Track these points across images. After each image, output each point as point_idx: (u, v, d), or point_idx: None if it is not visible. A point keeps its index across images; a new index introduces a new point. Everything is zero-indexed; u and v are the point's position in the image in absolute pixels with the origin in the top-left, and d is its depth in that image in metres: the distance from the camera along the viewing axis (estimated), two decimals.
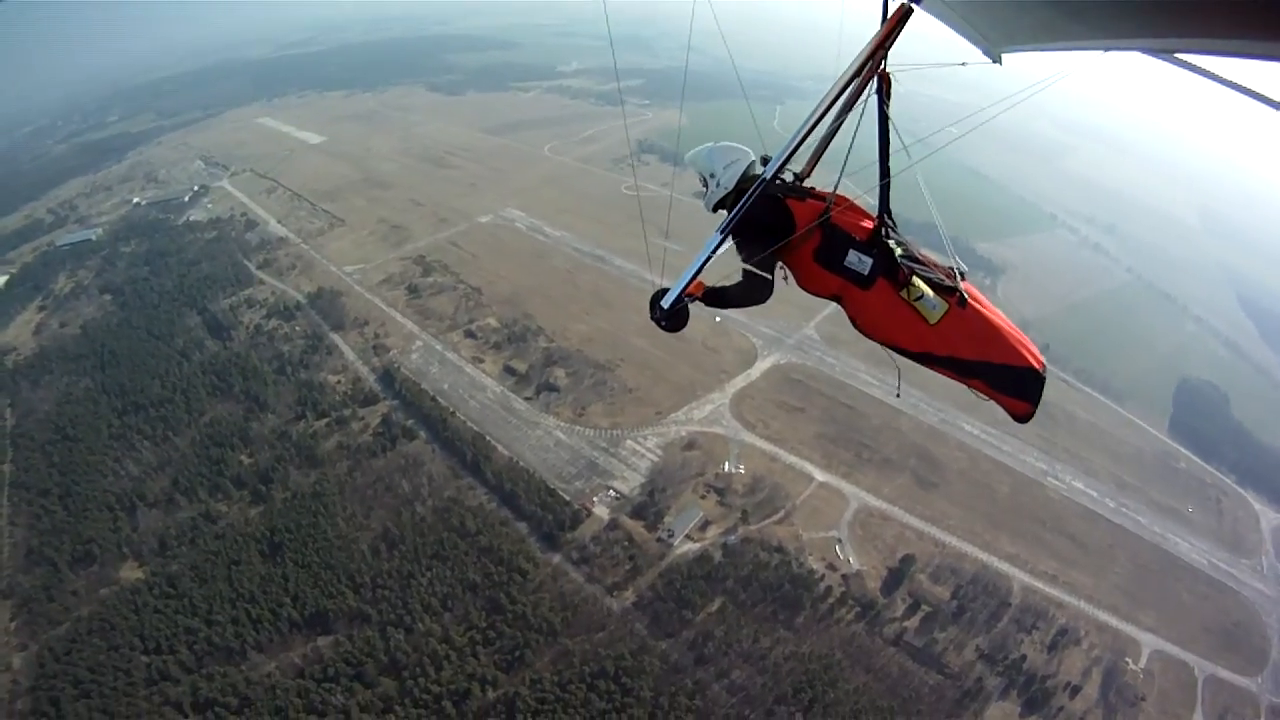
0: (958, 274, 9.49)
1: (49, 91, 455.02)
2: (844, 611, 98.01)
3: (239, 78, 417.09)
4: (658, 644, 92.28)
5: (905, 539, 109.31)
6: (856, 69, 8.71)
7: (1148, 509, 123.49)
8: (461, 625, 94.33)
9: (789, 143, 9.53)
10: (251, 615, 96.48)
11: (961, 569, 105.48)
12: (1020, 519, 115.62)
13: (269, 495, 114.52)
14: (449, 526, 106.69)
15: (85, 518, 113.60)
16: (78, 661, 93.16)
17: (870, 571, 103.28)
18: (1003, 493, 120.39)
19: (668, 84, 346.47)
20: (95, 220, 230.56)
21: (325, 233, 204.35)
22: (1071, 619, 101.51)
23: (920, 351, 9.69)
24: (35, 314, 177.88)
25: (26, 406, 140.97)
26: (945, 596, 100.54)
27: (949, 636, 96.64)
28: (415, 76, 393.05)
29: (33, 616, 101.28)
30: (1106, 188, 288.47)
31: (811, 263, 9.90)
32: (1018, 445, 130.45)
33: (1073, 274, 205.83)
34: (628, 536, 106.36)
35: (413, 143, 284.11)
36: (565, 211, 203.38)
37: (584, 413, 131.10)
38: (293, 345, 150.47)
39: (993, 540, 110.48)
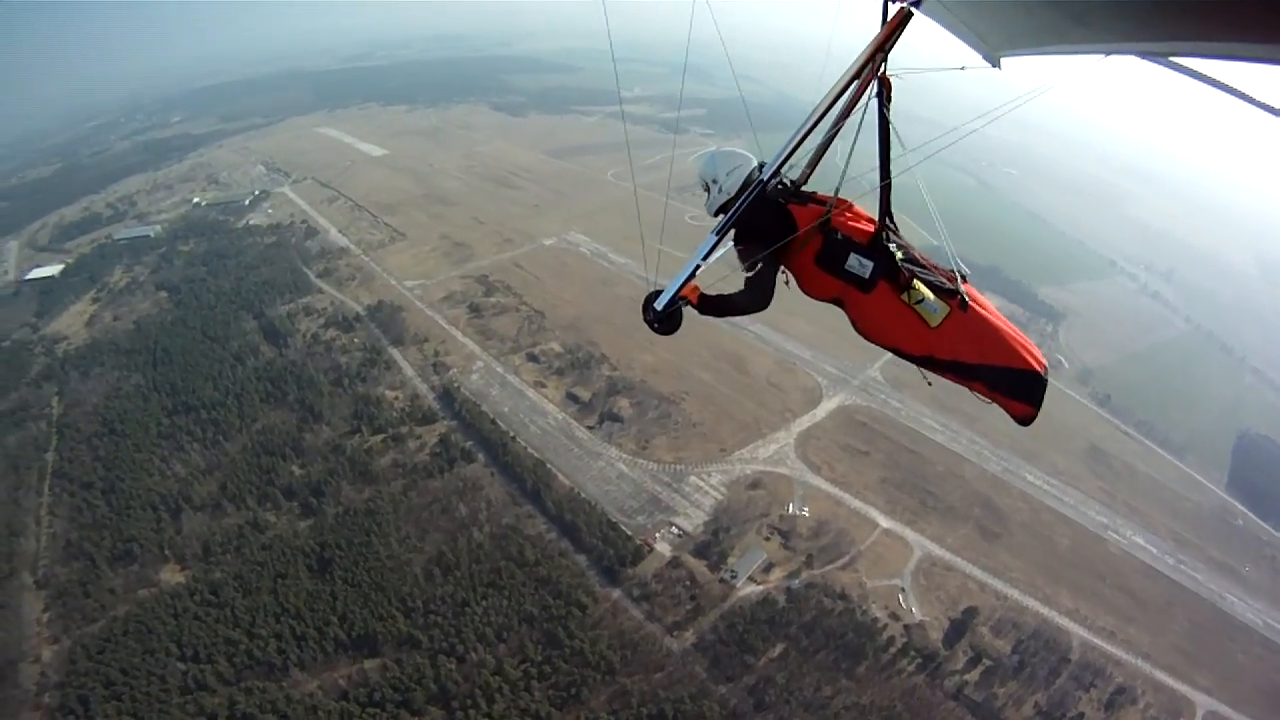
0: (959, 277, 9.59)
1: (114, 88, 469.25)
2: (905, 662, 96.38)
3: (301, 87, 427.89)
4: (717, 688, 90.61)
5: (968, 590, 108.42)
6: (855, 72, 8.92)
7: (1205, 566, 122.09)
8: (516, 658, 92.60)
9: (786, 146, 9.83)
10: (296, 631, 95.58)
11: (1023, 622, 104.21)
12: (1081, 573, 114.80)
13: (320, 509, 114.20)
14: (507, 555, 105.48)
15: (128, 515, 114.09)
16: (110, 662, 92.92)
17: (933, 622, 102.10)
18: (1064, 545, 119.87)
19: (731, 113, 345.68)
20: (154, 217, 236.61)
21: (386, 245, 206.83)
22: (1129, 677, 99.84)
23: (922, 354, 9.78)
24: (89, 305, 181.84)
25: (74, 397, 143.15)
26: (1006, 650, 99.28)
27: (1009, 691, 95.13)
28: (478, 95, 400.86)
29: (67, 610, 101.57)
30: (1162, 232, 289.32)
31: (813, 266, 10.05)
32: (1079, 497, 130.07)
33: (1133, 322, 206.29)
34: (690, 575, 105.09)
35: (475, 161, 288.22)
36: (630, 239, 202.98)
37: (648, 445, 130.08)
38: (350, 357, 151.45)
39: (1053, 594, 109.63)
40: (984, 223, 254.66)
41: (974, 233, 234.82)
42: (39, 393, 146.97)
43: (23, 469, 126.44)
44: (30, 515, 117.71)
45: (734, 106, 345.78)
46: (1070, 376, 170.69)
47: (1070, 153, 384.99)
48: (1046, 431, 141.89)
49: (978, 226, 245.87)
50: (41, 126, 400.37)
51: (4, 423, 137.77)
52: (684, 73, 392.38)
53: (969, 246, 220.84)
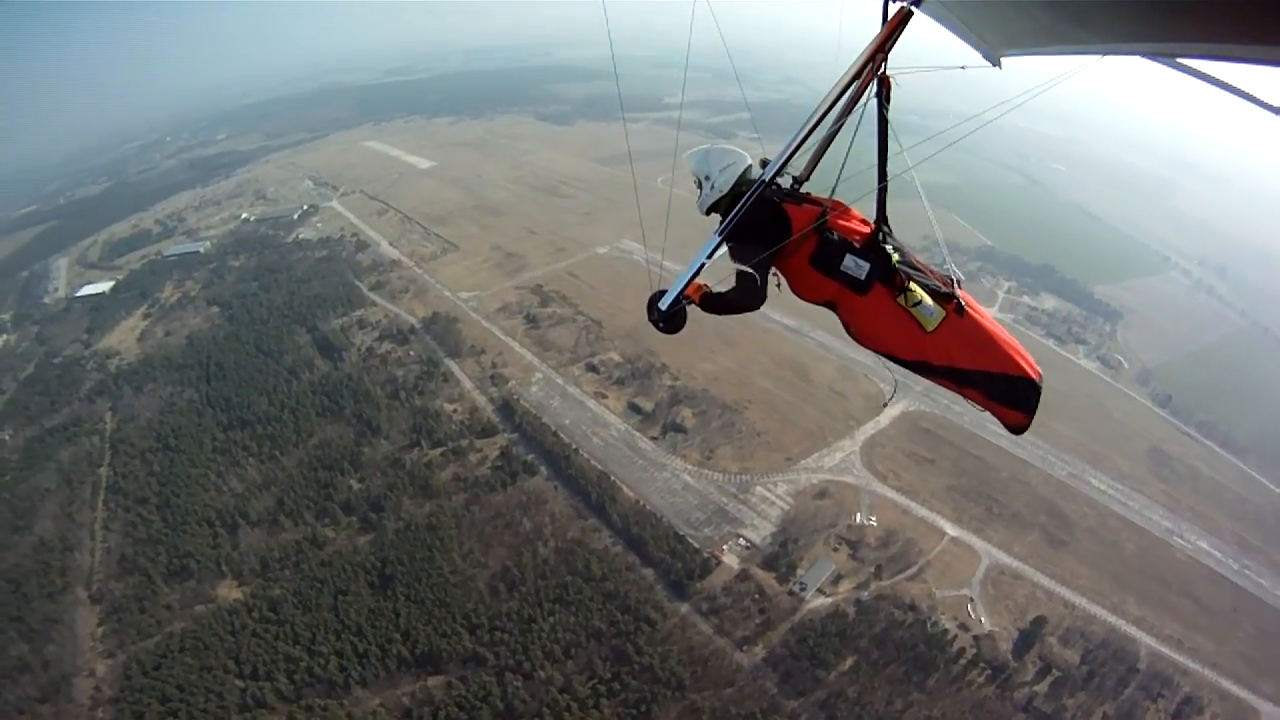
0: (955, 281, 9.50)
1: (157, 108, 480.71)
2: (975, 674, 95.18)
3: (343, 102, 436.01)
4: (788, 703, 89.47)
5: (1036, 599, 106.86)
6: (856, 71, 8.90)
7: (1269, 571, 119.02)
8: (584, 674, 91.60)
9: (787, 146, 9.77)
10: (358, 649, 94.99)
11: (1090, 632, 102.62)
12: (1147, 580, 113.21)
13: (380, 524, 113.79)
14: (573, 570, 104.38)
15: (183, 531, 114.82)
16: (167, 678, 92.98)
17: (1001, 633, 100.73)
18: (1130, 551, 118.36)
19: (777, 117, 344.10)
20: (203, 233, 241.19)
21: (438, 257, 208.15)
22: (1195, 687, 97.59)
23: (916, 360, 9.75)
24: (140, 321, 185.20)
25: (128, 412, 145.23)
26: (1075, 661, 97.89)
27: (1078, 703, 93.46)
28: (522, 106, 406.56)
29: (122, 625, 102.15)
30: (1212, 226, 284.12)
31: (807, 268, 10.03)
32: (1144, 502, 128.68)
33: (1189, 320, 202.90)
34: (759, 588, 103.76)
35: (524, 171, 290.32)
36: (683, 245, 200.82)
37: (712, 455, 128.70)
38: (407, 370, 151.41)
39: (1120, 602, 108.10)
40: (1035, 220, 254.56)
41: (1025, 231, 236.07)
42: (92, 408, 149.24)
43: (76, 484, 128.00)
44: (84, 530, 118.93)
45: (780, 110, 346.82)
46: (1130, 377, 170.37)
47: (1116, 145, 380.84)
48: (1109, 434, 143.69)
49: (1029, 225, 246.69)
50: (88, 146, 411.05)
51: (57, 438, 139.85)
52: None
53: (1021, 246, 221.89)
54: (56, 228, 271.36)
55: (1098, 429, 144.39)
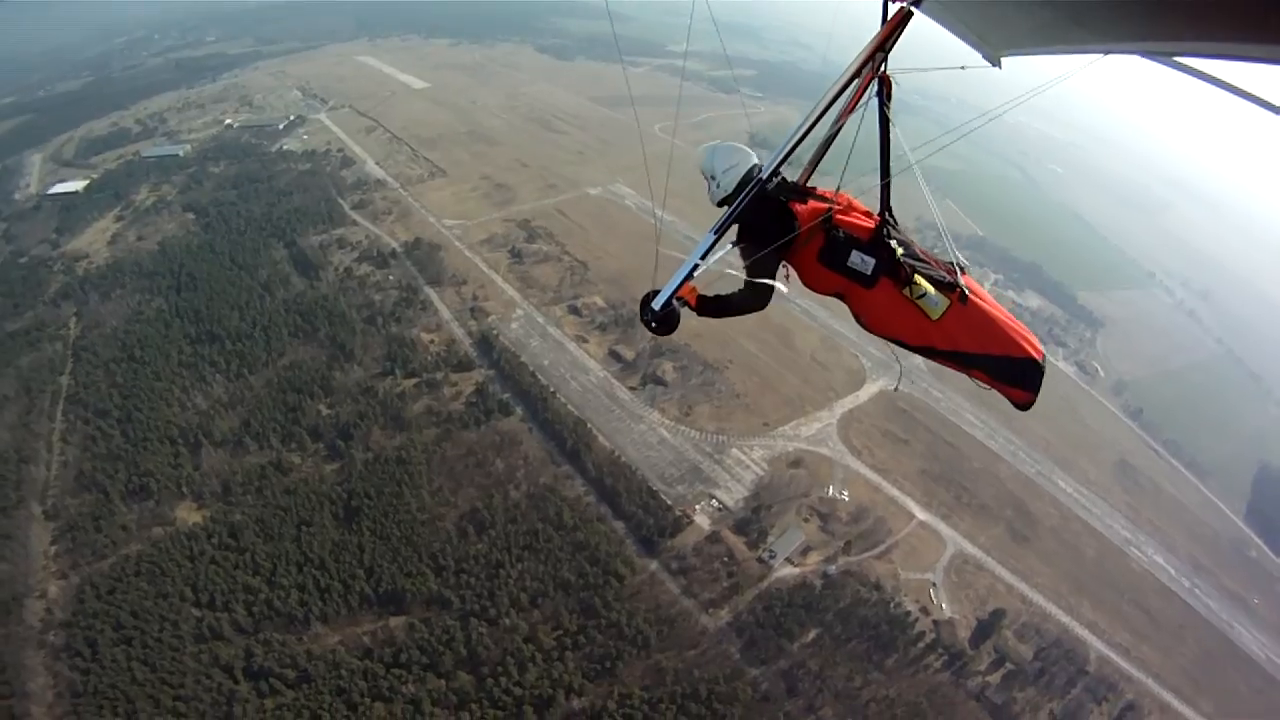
0: (958, 270, 9.70)
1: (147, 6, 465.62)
2: (933, 658, 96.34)
3: (341, 14, 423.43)
4: (750, 670, 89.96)
5: (996, 591, 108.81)
6: (855, 71, 8.98)
7: (1218, 594, 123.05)
8: (550, 625, 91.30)
9: (785, 144, 9.78)
10: (320, 583, 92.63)
11: (1045, 629, 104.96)
12: (1102, 586, 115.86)
13: (347, 453, 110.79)
14: (543, 516, 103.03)
15: (144, 447, 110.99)
16: (121, 603, 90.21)
17: (961, 620, 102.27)
18: (1089, 556, 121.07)
19: (781, 77, 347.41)
20: (184, 136, 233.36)
21: (425, 181, 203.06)
22: (1139, 695, 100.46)
23: (923, 346, 9.94)
24: (112, 223, 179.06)
25: (93, 318, 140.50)
26: (1028, 656, 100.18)
27: (1027, 697, 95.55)
28: (523, 35, 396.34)
29: (76, 545, 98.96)
30: (1202, 250, 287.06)
31: (815, 263, 10.13)
32: (1106, 509, 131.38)
33: (1168, 339, 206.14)
34: (728, 551, 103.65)
35: (520, 101, 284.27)
36: (676, 196, 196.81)
37: (690, 412, 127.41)
38: (385, 295, 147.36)
39: (1076, 604, 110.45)
40: (1027, 218, 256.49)
41: (1017, 227, 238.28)
42: (56, 312, 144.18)
43: (35, 392, 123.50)
44: (41, 441, 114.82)
45: (785, 69, 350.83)
46: (1105, 387, 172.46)
47: (1115, 156, 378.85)
48: (1080, 439, 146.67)
49: (1021, 221, 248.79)
50: (71, 40, 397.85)
51: (18, 342, 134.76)
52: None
53: (1012, 240, 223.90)
54: (32, 121, 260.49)
55: (1069, 432, 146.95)
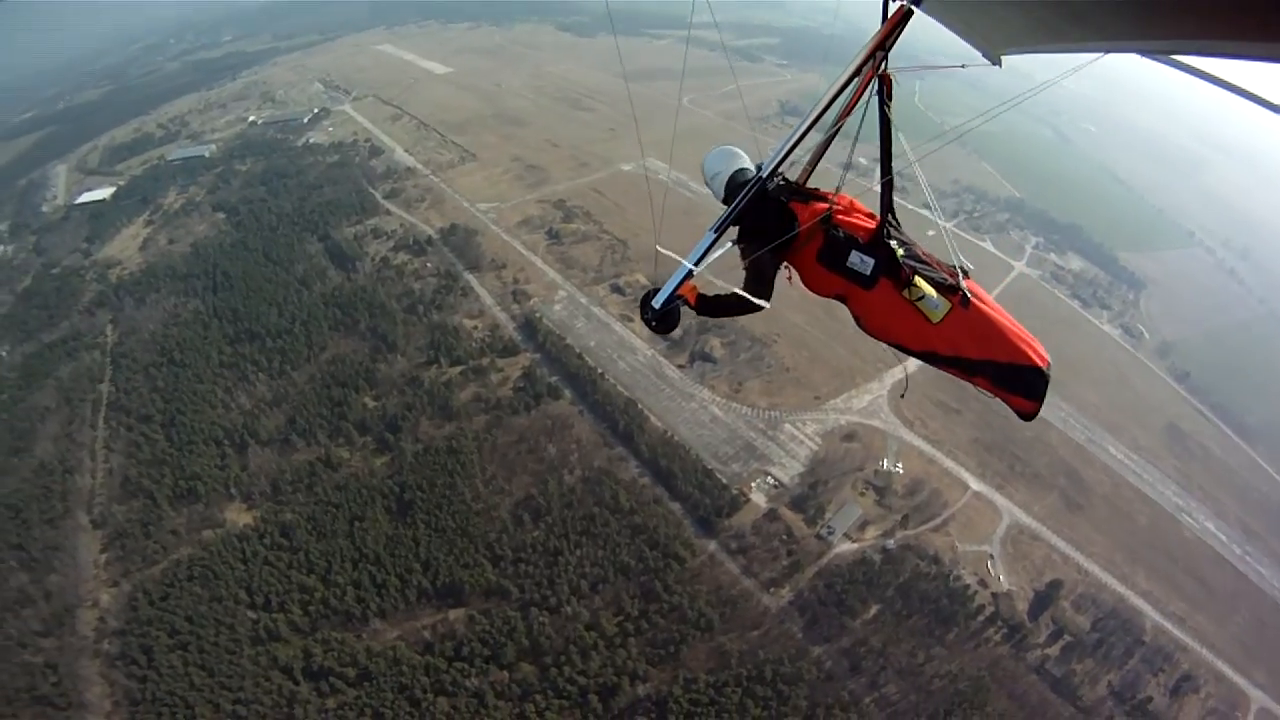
0: (961, 273, 9.51)
1: (160, 9, 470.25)
2: (993, 632, 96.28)
3: (355, 4, 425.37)
4: (813, 649, 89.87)
5: (1052, 562, 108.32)
6: (855, 70, 9.02)
7: (1269, 561, 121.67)
8: (611, 611, 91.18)
9: (784, 144, 9.89)
10: (376, 579, 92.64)
11: (1101, 600, 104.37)
12: (1156, 554, 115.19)
13: (397, 445, 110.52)
14: (599, 500, 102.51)
15: (190, 451, 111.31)
16: (175, 609, 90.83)
17: (1019, 592, 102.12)
18: (1142, 524, 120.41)
19: (806, 43, 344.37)
20: (208, 137, 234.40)
21: (455, 166, 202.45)
22: (1194, 665, 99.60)
23: (923, 350, 9.89)
24: (142, 228, 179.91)
25: (129, 324, 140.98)
26: (1086, 627, 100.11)
27: (1085, 669, 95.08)
28: (542, 14, 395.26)
29: (126, 552, 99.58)
30: (1240, 208, 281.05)
31: (815, 264, 10.12)
32: (1158, 476, 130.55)
33: (1210, 298, 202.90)
34: (787, 529, 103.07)
35: (545, 81, 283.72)
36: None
37: (740, 388, 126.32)
38: (424, 283, 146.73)
39: (1130, 573, 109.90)
40: (1064, 178, 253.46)
41: (1054, 188, 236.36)
42: (92, 321, 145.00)
43: (76, 401, 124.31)
44: (85, 450, 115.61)
45: (808, 35, 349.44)
46: (1150, 349, 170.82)
47: (1150, 113, 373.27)
48: (1129, 404, 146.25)
49: (1058, 182, 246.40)
50: (87, 49, 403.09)
51: (56, 353, 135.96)
52: None
53: (1049, 202, 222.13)
54: (55, 133, 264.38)
55: (1118, 397, 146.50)
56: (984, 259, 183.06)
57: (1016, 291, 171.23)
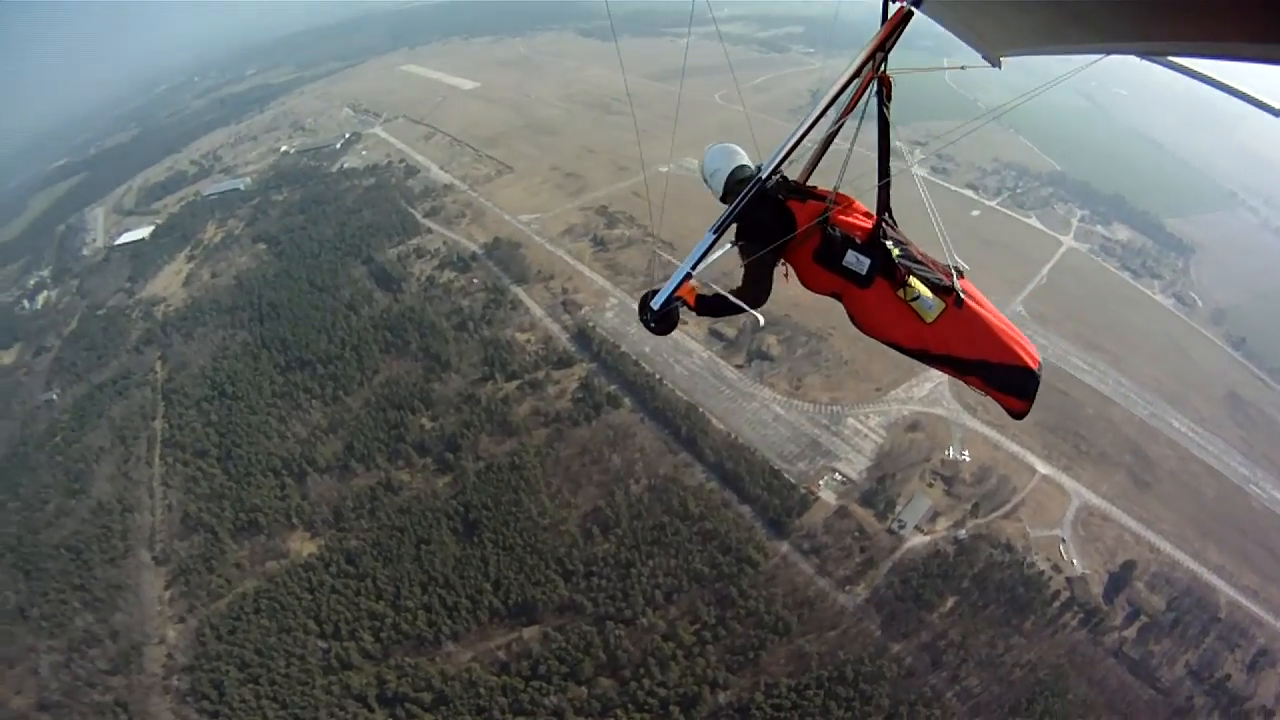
0: (955, 273, 9.68)
1: (182, 53, 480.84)
2: (1069, 617, 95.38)
3: (375, 28, 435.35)
4: (893, 646, 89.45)
5: (1124, 542, 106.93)
6: (855, 71, 9.04)
7: None
8: (688, 620, 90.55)
9: (784, 144, 9.86)
10: (446, 602, 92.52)
11: (1175, 578, 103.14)
12: (1226, 527, 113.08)
13: (458, 464, 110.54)
14: (668, 508, 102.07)
15: (248, 482, 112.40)
16: (243, 642, 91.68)
17: (1093, 575, 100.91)
18: (1210, 497, 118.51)
19: (828, 29, 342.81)
20: (242, 170, 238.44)
21: (493, 179, 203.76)
22: (1270, 639, 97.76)
23: (917, 349, 10.00)
24: (184, 264, 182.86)
25: (179, 361, 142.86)
26: (1161, 607, 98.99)
27: (1163, 649, 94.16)
28: (562, 22, 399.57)
29: (190, 588, 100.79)
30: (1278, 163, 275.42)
31: (811, 262, 10.24)
32: (1222, 447, 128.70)
33: (1258, 259, 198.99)
34: (858, 526, 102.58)
35: (573, 88, 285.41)
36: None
37: (800, 385, 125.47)
38: (473, 299, 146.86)
39: (1202, 549, 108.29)
40: (1101, 147, 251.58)
41: (1093, 157, 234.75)
42: (140, 359, 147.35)
43: (130, 440, 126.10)
44: (142, 488, 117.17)
45: (830, 22, 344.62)
46: (1204, 317, 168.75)
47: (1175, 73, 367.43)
48: (1188, 374, 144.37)
49: (1096, 151, 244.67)
50: (114, 95, 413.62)
51: (107, 393, 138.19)
52: None
53: (1090, 173, 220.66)
54: (89, 178, 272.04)
55: (1176, 368, 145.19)
56: (1032, 236, 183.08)
57: (1068, 267, 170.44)
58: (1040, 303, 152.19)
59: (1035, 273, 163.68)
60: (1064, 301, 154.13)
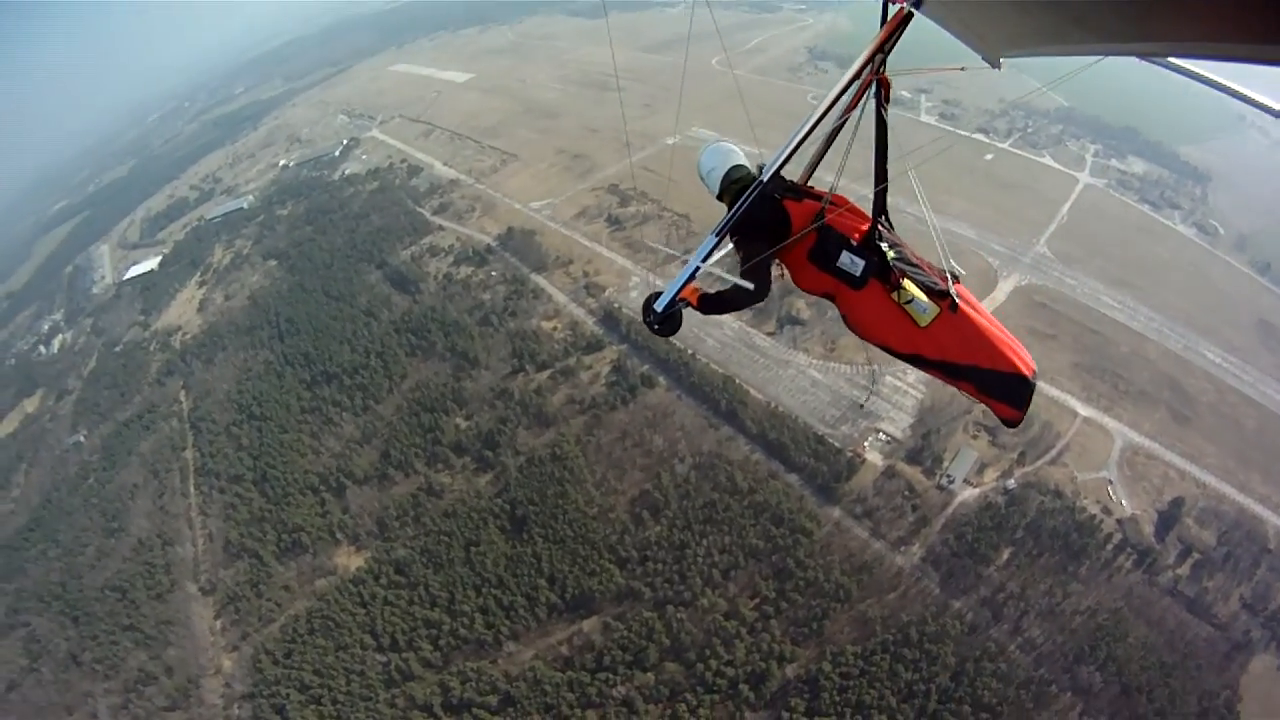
0: (950, 277, 9.75)
1: (169, 80, 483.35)
2: (1123, 559, 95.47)
3: (360, 31, 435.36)
4: (954, 603, 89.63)
5: (1170, 479, 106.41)
6: (855, 72, 8.98)
7: None
8: (748, 596, 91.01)
9: (785, 146, 9.75)
10: (502, 602, 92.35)
11: (1223, 511, 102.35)
12: (1268, 457, 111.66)
13: (498, 461, 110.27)
14: (716, 485, 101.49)
15: (287, 503, 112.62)
16: (301, 664, 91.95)
17: (1143, 515, 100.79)
18: (1250, 428, 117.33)
19: None
20: (243, 189, 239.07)
21: (499, 170, 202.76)
22: None
23: (910, 353, 10.15)
24: (196, 290, 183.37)
25: (202, 388, 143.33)
26: (1212, 542, 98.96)
27: (1216, 585, 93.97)
28: (549, 4, 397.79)
29: (241, 615, 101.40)
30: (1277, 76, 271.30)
31: (805, 262, 10.35)
32: (1257, 375, 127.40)
33: (1274, 182, 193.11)
34: (907, 485, 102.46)
35: (569, 69, 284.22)
36: (758, 126, 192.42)
37: (835, 347, 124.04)
38: (493, 292, 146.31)
39: (1246, 480, 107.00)
40: (1105, 78, 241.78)
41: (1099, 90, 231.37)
42: (163, 391, 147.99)
43: (163, 473, 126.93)
44: (181, 520, 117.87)
45: None
46: (1228, 244, 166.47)
47: None
48: (1216, 304, 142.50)
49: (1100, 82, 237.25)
50: (107, 131, 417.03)
51: (134, 429, 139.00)
52: None
53: (1098, 106, 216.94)
54: (91, 216, 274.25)
55: (1205, 299, 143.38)
56: (1048, 175, 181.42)
57: (1087, 204, 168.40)
58: (1063, 242, 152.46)
59: (1055, 212, 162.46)
60: (1087, 239, 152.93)
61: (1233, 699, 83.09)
